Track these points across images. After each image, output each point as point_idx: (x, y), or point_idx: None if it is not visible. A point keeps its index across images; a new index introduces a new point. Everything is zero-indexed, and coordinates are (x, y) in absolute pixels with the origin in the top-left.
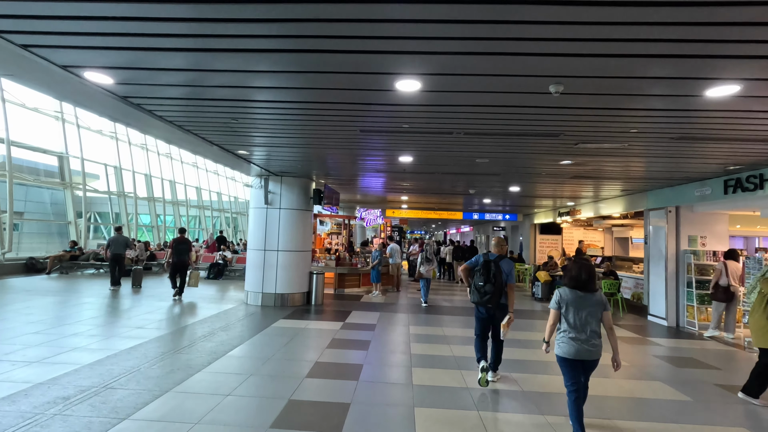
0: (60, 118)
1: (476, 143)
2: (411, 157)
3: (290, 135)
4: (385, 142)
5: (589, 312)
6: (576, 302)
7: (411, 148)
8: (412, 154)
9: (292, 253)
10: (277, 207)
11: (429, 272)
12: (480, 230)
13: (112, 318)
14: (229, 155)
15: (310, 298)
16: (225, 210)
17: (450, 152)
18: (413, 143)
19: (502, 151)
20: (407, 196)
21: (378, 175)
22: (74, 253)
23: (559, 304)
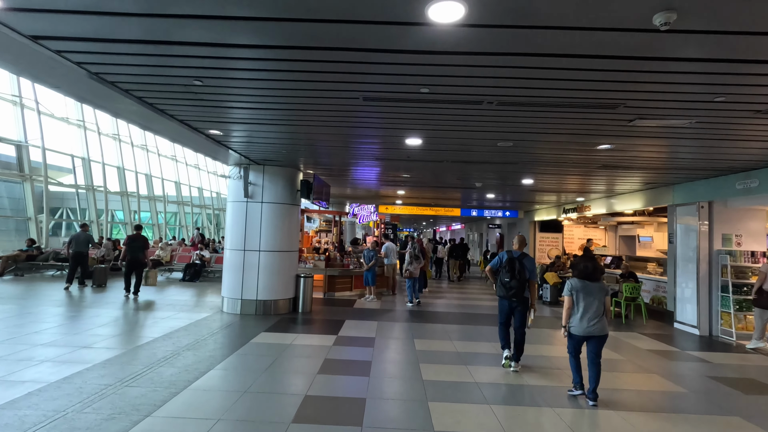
0: (18, 103)
1: (506, 118)
2: (420, 139)
3: (273, 107)
4: (393, 115)
5: (595, 297)
6: (584, 290)
7: (424, 125)
8: (423, 135)
9: (276, 254)
10: (259, 200)
11: (417, 270)
12: (473, 228)
13: (57, 333)
14: (198, 136)
15: (297, 305)
16: (206, 206)
17: (470, 131)
18: (428, 118)
19: (534, 130)
20: (403, 190)
21: (375, 164)
22: (31, 252)
23: (571, 292)
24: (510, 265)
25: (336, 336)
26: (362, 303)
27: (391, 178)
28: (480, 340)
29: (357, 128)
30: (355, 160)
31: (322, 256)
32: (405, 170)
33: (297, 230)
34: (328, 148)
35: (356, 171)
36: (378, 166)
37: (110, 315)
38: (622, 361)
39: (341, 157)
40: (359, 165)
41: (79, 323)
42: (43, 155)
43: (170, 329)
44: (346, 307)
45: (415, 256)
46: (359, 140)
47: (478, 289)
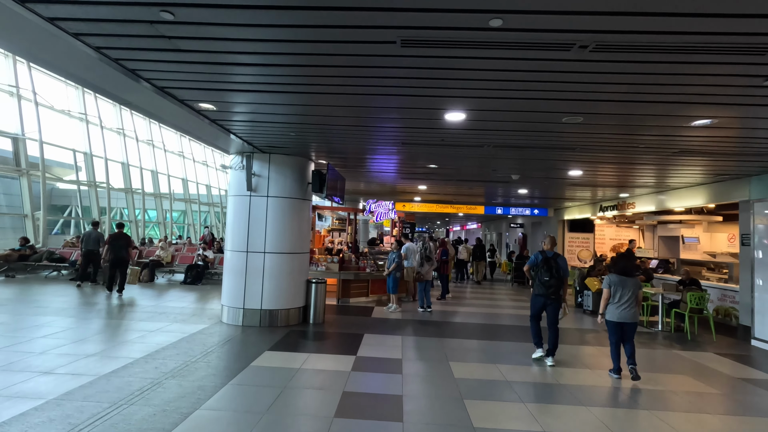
0: (15, 94)
1: (593, 74)
2: (464, 113)
3: (282, 63)
4: (438, 73)
5: (629, 290)
6: (621, 284)
7: (477, 89)
8: (471, 106)
9: (283, 256)
10: (264, 194)
11: (429, 273)
12: (491, 227)
13: (21, 352)
14: (186, 112)
15: (308, 315)
16: (214, 204)
17: (536, 99)
18: (486, 76)
19: (621, 94)
20: (425, 185)
21: (398, 151)
22: (24, 252)
23: (610, 285)
24: (547, 264)
25: (355, 357)
26: (383, 312)
27: (414, 170)
28: (528, 362)
29: (385, 96)
30: (375, 145)
31: (336, 257)
32: (434, 158)
33: (308, 229)
34: (346, 129)
35: (374, 161)
36: (402, 153)
37: (92, 326)
38: (719, 396)
39: (359, 142)
40: (379, 153)
41: (51, 338)
42: (41, 149)
43: (157, 346)
44: (364, 316)
45: (426, 257)
46: (385, 116)
47: (504, 293)
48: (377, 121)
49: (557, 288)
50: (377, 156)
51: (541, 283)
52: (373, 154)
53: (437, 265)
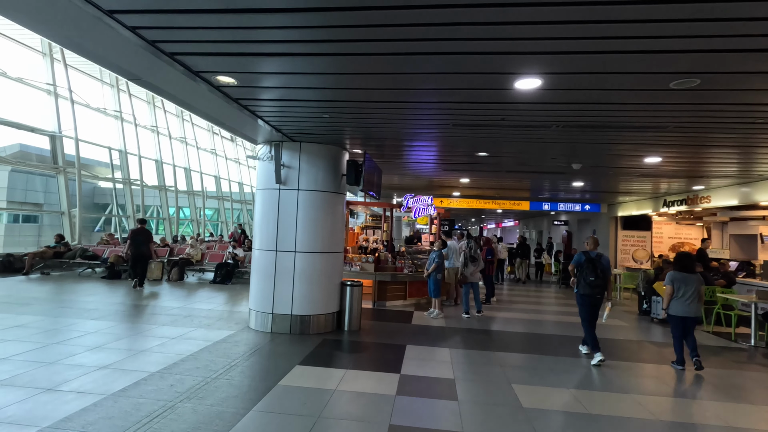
0: (52, 92)
1: (726, 23)
2: (541, 79)
3: (315, 23)
4: (511, 31)
5: (692, 286)
6: (683, 280)
7: (558, 44)
8: (551, 68)
9: (316, 256)
10: (294, 188)
11: (475, 274)
12: (530, 225)
13: (28, 361)
14: (197, 83)
15: (342, 321)
16: (247, 201)
17: (636, 61)
18: (576, 30)
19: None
20: (468, 178)
21: (446, 135)
22: (59, 249)
23: (673, 282)
24: (592, 264)
25: (399, 375)
26: (424, 318)
27: (458, 160)
28: (608, 387)
29: (444, 55)
30: (419, 128)
31: (371, 257)
32: (486, 144)
33: (342, 225)
34: (388, 108)
35: (413, 150)
36: (447, 139)
37: (113, 331)
38: None
39: (401, 125)
40: (421, 138)
41: (66, 345)
42: (76, 147)
43: (176, 357)
44: (404, 323)
45: (471, 257)
46: (438, 86)
47: (554, 297)
48: (427, 95)
49: (603, 288)
50: (418, 143)
51: (587, 284)
52: (414, 141)
53: (484, 266)
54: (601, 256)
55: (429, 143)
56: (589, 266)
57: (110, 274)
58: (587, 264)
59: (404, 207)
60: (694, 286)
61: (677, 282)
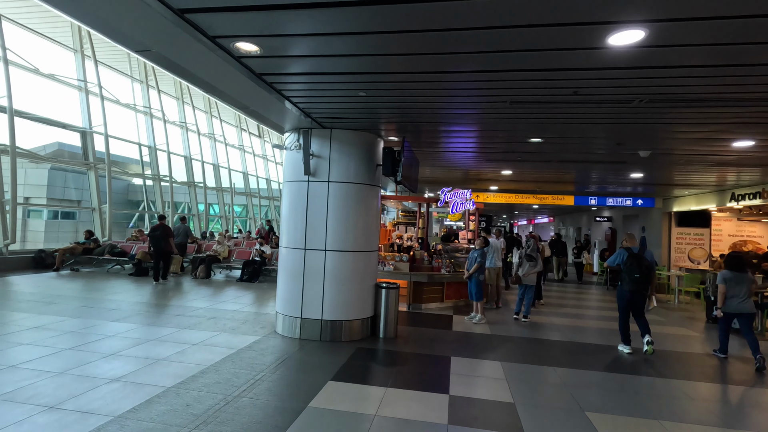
0: (83, 88)
1: None
2: (645, 29)
3: None
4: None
5: (744, 284)
6: (735, 279)
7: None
8: (659, 13)
9: (348, 255)
10: (325, 179)
11: (531, 276)
12: (566, 221)
13: (40, 373)
14: (214, 54)
15: (377, 327)
16: (275, 198)
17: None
18: None
19: None
20: (510, 170)
21: (494, 119)
22: (88, 245)
23: (726, 281)
24: (636, 261)
25: (447, 396)
26: (465, 324)
27: (504, 148)
28: (709, 417)
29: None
30: (469, 109)
31: (405, 255)
32: (545, 127)
33: (377, 221)
34: (435, 83)
35: (453, 138)
36: (500, 120)
37: (131, 335)
38: None
39: (446, 106)
40: (466, 122)
41: (79, 351)
42: (106, 142)
43: (196, 368)
44: (443, 329)
45: (528, 257)
46: (503, 47)
47: (605, 299)
48: (484, 62)
49: (647, 283)
50: (461, 128)
51: (631, 280)
52: (457, 125)
53: (542, 266)
54: (644, 251)
55: (473, 128)
56: (633, 263)
57: (137, 271)
58: (631, 260)
59: (441, 201)
60: (746, 285)
61: (729, 281)
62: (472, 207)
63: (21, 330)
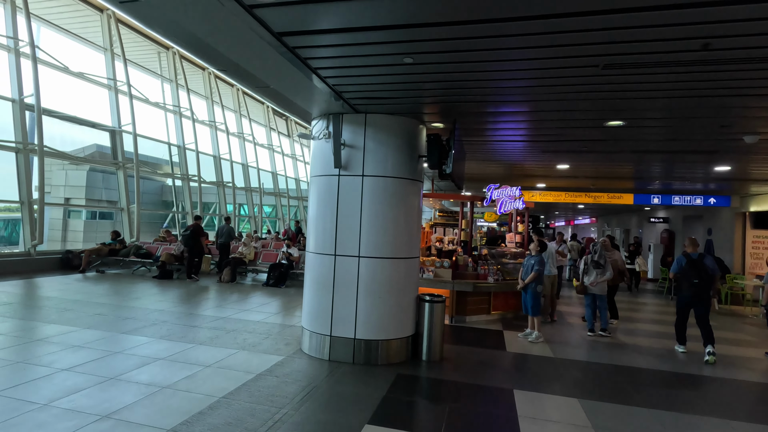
0: (112, 87)
1: None
2: None
3: None
4: None
5: None
6: None
7: None
8: None
9: (386, 263)
10: (358, 173)
11: (601, 285)
12: (612, 223)
13: (24, 406)
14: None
15: (420, 348)
16: (304, 198)
17: None
18: None
19: None
20: (570, 163)
21: (573, 92)
22: (114, 246)
23: None
24: (694, 266)
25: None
26: (520, 343)
27: (569, 135)
28: None
29: None
30: (540, 78)
31: (446, 261)
32: (635, 102)
33: (418, 223)
34: (503, 45)
35: (508, 124)
36: (581, 93)
37: (138, 352)
38: None
39: (514, 76)
40: (533, 97)
41: (74, 373)
42: (134, 142)
43: (205, 400)
44: (495, 348)
45: (596, 263)
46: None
47: (669, 308)
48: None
49: (706, 288)
50: (520, 109)
51: (690, 285)
52: (518, 104)
53: (610, 275)
54: (705, 257)
55: (536, 109)
56: (691, 268)
57: (161, 274)
58: (689, 266)
59: (487, 200)
60: None
61: None
62: (521, 206)
63: (21, 344)
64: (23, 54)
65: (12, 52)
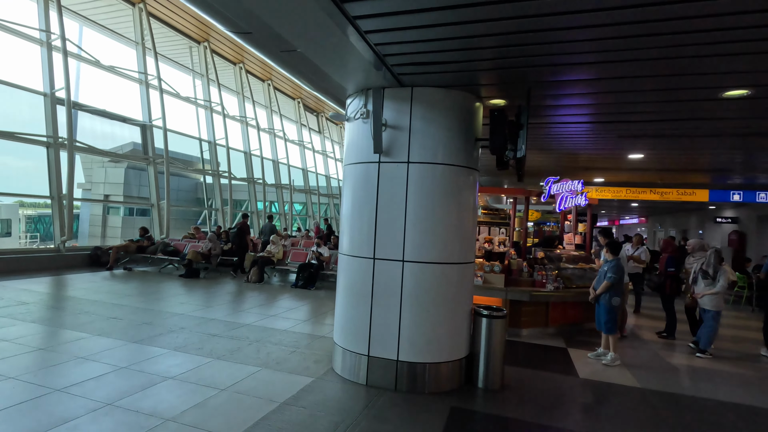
0: (143, 81)
1: None
2: None
3: None
4: None
5: None
6: None
7: None
8: None
9: (436, 270)
10: (403, 159)
11: (711, 299)
12: (666, 223)
13: None
14: None
15: (475, 373)
16: (334, 195)
17: None
18: None
19: None
20: (644, 152)
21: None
22: (142, 243)
23: None
24: None
25: None
26: (592, 365)
27: (664, 112)
28: None
29: None
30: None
31: (497, 264)
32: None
33: (474, 220)
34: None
35: (575, 103)
36: (703, 48)
37: (143, 369)
38: None
39: (617, 23)
40: (617, 62)
41: (67, 396)
42: (164, 137)
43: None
44: (563, 373)
45: (704, 273)
46: None
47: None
48: None
49: None
50: (605, 78)
51: None
52: (605, 69)
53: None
54: None
55: (623, 75)
56: None
57: (187, 273)
58: None
59: (545, 195)
60: None
61: None
62: (584, 202)
63: (21, 353)
64: (54, 47)
65: (44, 46)
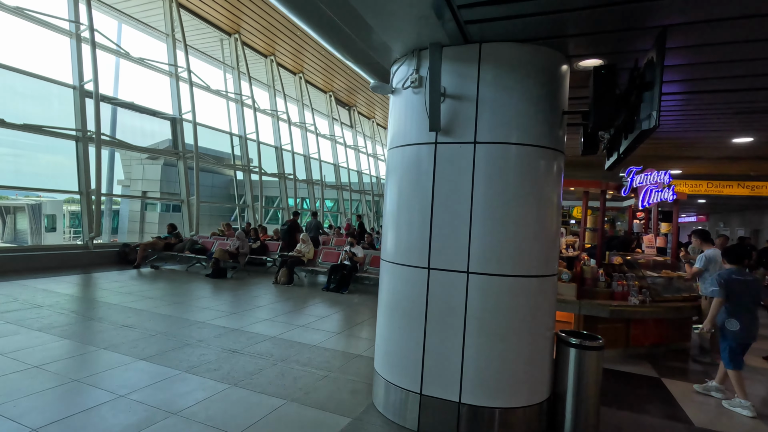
0: (173, 74)
1: None
2: None
3: None
4: None
5: None
6: None
7: None
8: None
9: (512, 284)
10: (469, 139)
11: None
12: (732, 221)
13: None
14: None
15: (560, 420)
16: (366, 191)
17: None
18: None
19: None
20: (753, 136)
21: None
22: (170, 240)
23: None
24: None
25: None
26: (706, 407)
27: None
28: None
29: None
30: None
31: (566, 272)
32: None
33: (558, 218)
34: None
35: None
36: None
37: (146, 401)
38: None
39: None
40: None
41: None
42: (194, 130)
43: None
44: (676, 421)
45: None
46: None
47: None
48: None
49: None
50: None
51: None
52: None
53: None
54: None
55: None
56: None
57: (214, 272)
58: None
59: (626, 189)
60: None
61: None
62: (671, 197)
63: (24, 369)
64: (83, 39)
65: (73, 37)
